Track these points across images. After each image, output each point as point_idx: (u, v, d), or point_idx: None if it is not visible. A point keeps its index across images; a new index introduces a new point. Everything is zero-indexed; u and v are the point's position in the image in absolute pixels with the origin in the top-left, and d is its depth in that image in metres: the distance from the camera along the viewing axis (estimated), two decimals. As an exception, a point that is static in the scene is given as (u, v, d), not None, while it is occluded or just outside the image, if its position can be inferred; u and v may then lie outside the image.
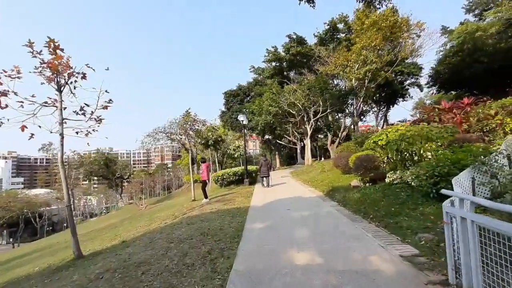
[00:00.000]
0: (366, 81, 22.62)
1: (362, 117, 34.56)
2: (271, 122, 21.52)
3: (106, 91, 6.16)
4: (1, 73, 5.13)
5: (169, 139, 13.75)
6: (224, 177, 14.23)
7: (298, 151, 38.55)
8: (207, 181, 10.85)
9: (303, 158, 40.43)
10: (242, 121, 14.24)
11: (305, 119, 20.73)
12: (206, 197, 10.64)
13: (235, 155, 26.12)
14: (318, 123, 24.12)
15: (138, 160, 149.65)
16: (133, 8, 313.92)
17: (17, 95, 5.30)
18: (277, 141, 34.01)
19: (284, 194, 10.09)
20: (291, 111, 20.99)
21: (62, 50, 5.69)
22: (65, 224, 58.30)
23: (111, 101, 6.34)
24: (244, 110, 28.98)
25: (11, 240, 49.30)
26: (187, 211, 9.31)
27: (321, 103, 19.86)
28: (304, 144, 45.88)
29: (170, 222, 8.02)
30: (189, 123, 12.44)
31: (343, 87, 20.67)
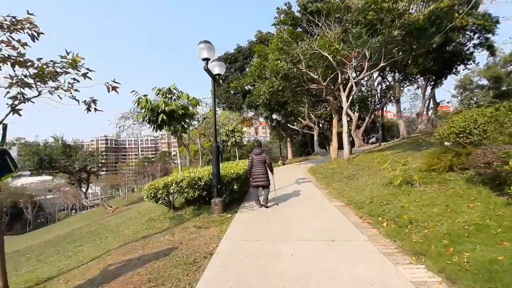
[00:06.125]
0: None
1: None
2: (280, 88, 13.16)
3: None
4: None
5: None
6: (171, 190, 6.27)
7: (315, 137, 30.14)
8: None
9: (322, 147, 31.92)
10: (206, 59, 5.92)
11: (338, 81, 12.22)
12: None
13: (229, 142, 18.00)
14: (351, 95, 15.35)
15: (146, 147, 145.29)
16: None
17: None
18: (289, 125, 25.61)
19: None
20: (312, 75, 12.56)
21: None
22: (59, 215, 54.13)
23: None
24: (242, 84, 20.58)
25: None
26: None
27: (367, 53, 11.28)
28: (322, 129, 37.08)
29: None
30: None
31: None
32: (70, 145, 24.50)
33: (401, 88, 27.72)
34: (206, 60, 6.03)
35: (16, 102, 3.74)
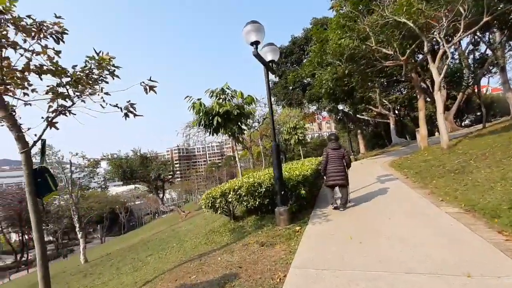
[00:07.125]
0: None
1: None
2: (346, 73, 11.30)
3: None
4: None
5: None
6: (230, 199, 5.52)
7: (391, 126, 26.27)
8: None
9: (401, 136, 27.75)
10: (256, 43, 4.87)
11: (425, 50, 9.67)
12: None
13: (291, 141, 16.82)
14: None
15: (213, 153, 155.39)
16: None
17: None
18: (357, 115, 22.80)
19: None
20: (385, 50, 10.36)
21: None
22: (145, 219, 62.62)
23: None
24: (300, 75, 19.00)
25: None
26: None
27: (461, 9, 8.59)
28: (399, 116, 32.06)
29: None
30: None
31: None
32: (147, 156, 27.14)
33: (505, 53, 21.72)
34: (256, 43, 5.04)
35: (52, 115, 3.44)
